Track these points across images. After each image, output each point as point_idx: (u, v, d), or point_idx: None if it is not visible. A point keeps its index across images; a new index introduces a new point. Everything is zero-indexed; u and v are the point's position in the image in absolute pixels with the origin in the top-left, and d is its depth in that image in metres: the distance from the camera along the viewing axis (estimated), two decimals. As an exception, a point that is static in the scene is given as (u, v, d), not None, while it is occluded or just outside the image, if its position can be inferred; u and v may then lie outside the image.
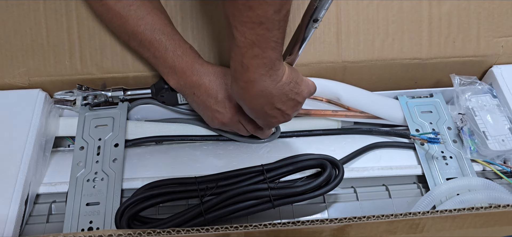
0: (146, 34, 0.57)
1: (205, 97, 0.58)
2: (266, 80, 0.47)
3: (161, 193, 0.54)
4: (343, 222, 0.43)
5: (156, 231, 0.41)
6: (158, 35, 0.57)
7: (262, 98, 0.49)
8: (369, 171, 0.61)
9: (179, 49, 0.57)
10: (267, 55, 0.45)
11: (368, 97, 0.67)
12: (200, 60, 0.58)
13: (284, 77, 0.49)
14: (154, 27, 0.57)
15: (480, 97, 0.66)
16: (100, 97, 0.64)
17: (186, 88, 0.58)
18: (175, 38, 0.57)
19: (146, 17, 0.56)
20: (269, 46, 0.44)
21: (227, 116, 0.58)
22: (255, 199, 0.53)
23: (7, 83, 0.63)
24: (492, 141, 0.61)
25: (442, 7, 0.67)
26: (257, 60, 0.45)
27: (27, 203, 0.56)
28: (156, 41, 0.57)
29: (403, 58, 0.67)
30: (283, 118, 0.55)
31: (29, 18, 0.63)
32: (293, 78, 0.51)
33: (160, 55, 0.57)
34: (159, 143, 0.66)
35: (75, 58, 0.63)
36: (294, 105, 0.53)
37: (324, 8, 0.45)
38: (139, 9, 0.56)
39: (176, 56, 0.57)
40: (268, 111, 0.52)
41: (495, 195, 0.55)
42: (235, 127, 0.60)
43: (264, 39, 0.43)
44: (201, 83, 0.57)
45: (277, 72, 0.48)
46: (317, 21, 0.47)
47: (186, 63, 0.57)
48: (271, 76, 0.47)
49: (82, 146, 0.61)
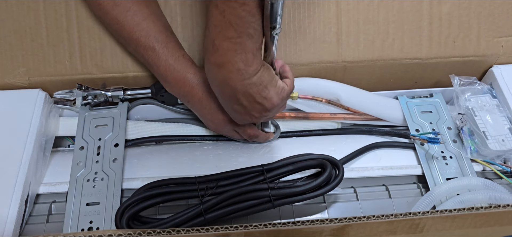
0: (141, 40, 0.56)
1: (198, 107, 0.58)
2: (232, 71, 0.45)
3: (161, 193, 0.54)
4: (343, 222, 0.43)
5: (156, 231, 0.41)
6: (152, 42, 0.56)
7: (228, 88, 0.48)
8: (369, 171, 0.61)
9: (172, 58, 0.56)
10: (241, 41, 0.43)
11: (368, 97, 0.67)
12: (193, 69, 0.57)
13: (254, 78, 0.47)
14: (149, 34, 0.56)
15: (480, 97, 0.66)
16: (100, 97, 0.64)
17: (180, 96, 0.59)
18: (168, 46, 0.56)
19: (142, 23, 0.56)
20: (246, 32, 0.43)
21: (221, 125, 0.59)
22: (255, 199, 0.53)
23: (7, 83, 0.63)
24: (492, 141, 0.61)
25: (442, 7, 0.67)
26: (229, 43, 0.43)
27: (27, 203, 0.56)
28: (150, 49, 0.56)
29: (403, 58, 0.67)
30: (250, 117, 0.53)
31: (29, 18, 0.63)
32: (263, 81, 0.48)
33: (153, 63, 0.57)
34: (159, 143, 0.66)
35: (75, 58, 0.63)
36: (261, 110, 0.51)
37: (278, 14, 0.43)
38: (135, 15, 0.56)
39: (168, 66, 0.56)
40: (233, 104, 0.50)
41: (495, 195, 0.55)
42: (230, 134, 0.61)
43: (243, 22, 0.42)
44: (194, 94, 0.57)
45: (248, 68, 0.46)
46: (276, 29, 0.44)
47: (178, 73, 0.56)
48: (239, 69, 0.45)
49: (82, 146, 0.61)
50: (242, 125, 0.59)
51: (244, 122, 0.57)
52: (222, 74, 0.47)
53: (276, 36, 0.46)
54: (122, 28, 0.56)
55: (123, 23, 0.56)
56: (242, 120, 0.56)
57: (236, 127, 0.59)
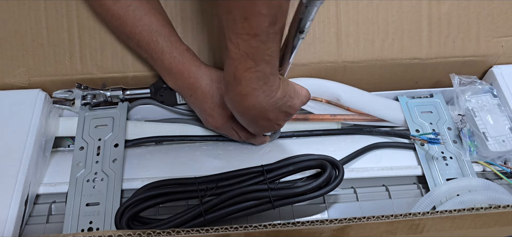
0: (144, 35, 0.56)
1: (201, 100, 0.58)
2: (259, 95, 0.47)
3: (161, 193, 0.54)
4: (343, 222, 0.43)
5: (156, 232, 0.41)
6: (155, 36, 0.56)
7: (255, 111, 0.49)
8: (369, 172, 0.61)
9: (176, 50, 0.57)
10: (261, 68, 0.44)
11: (368, 98, 0.67)
12: (197, 62, 0.58)
13: (279, 93, 0.49)
14: (151, 28, 0.56)
15: (480, 97, 0.66)
16: (99, 96, 0.64)
17: (183, 90, 0.59)
18: (172, 40, 0.57)
19: (144, 18, 0.56)
20: (263, 59, 0.44)
21: (220, 121, 0.59)
22: (255, 199, 0.53)
23: (7, 83, 0.63)
24: (492, 142, 0.61)
25: (442, 7, 0.67)
26: (250, 73, 0.44)
27: (27, 203, 0.56)
28: (153, 43, 0.56)
29: (403, 58, 0.67)
30: (274, 127, 0.55)
31: (29, 18, 0.63)
32: (287, 92, 0.50)
33: (157, 57, 0.57)
34: (159, 143, 0.66)
35: (75, 58, 0.63)
36: (285, 116, 0.53)
37: (309, 19, 0.43)
38: (137, 10, 0.56)
39: (172, 58, 0.57)
40: (259, 120, 0.51)
41: (495, 196, 0.55)
42: (228, 132, 0.61)
43: (258, 51, 0.43)
44: (197, 86, 0.57)
45: (271, 87, 0.47)
46: (303, 32, 0.45)
47: (183, 65, 0.57)
48: (264, 91, 0.47)
49: (82, 146, 0.61)
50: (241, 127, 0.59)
51: (267, 132, 0.58)
52: (249, 102, 0.47)
53: (301, 40, 0.46)
54: (124, 24, 0.57)
55: (124, 18, 0.56)
56: (265, 131, 0.57)
57: (234, 125, 0.59)
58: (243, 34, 0.41)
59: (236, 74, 0.45)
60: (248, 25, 0.40)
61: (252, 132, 0.57)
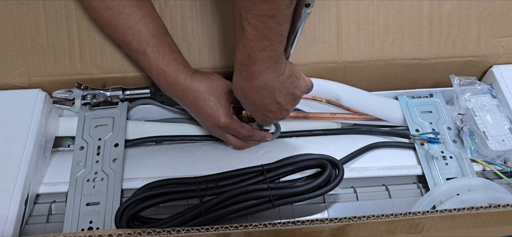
0: (133, 44, 0.56)
1: (191, 110, 0.59)
2: (270, 73, 0.49)
3: (161, 193, 0.54)
4: (343, 222, 0.43)
5: (156, 231, 0.41)
6: (144, 46, 0.56)
7: (264, 90, 0.51)
8: (369, 171, 0.61)
9: (163, 62, 0.56)
10: (275, 48, 0.46)
11: (368, 98, 0.67)
12: (184, 73, 0.57)
13: (286, 71, 0.51)
14: (140, 38, 0.56)
15: (480, 98, 0.66)
16: (99, 96, 0.64)
17: (174, 99, 0.59)
18: (160, 50, 0.56)
19: (134, 27, 0.56)
20: (278, 39, 0.46)
21: (212, 129, 0.60)
22: (255, 199, 0.53)
23: (7, 83, 0.63)
24: (492, 141, 0.61)
25: (442, 7, 0.67)
26: (265, 53, 0.46)
27: (27, 203, 0.56)
28: (141, 53, 0.56)
29: (403, 58, 0.67)
30: (281, 114, 0.56)
31: (29, 18, 0.63)
32: (293, 72, 0.52)
33: (145, 67, 0.57)
34: (159, 143, 0.66)
35: (75, 58, 0.63)
36: (292, 100, 0.55)
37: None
38: (127, 18, 0.56)
39: (158, 70, 0.56)
40: (268, 104, 0.53)
41: (495, 195, 0.55)
42: (221, 137, 0.61)
43: (274, 32, 0.45)
44: (185, 98, 0.57)
45: (281, 65, 0.49)
46: (309, 6, 0.48)
47: (169, 77, 0.56)
48: (275, 69, 0.49)
49: (82, 146, 0.61)
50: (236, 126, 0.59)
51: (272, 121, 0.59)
52: (261, 80, 0.49)
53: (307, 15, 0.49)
54: (115, 31, 0.57)
55: (115, 26, 0.56)
56: (271, 120, 0.57)
57: (225, 132, 0.60)
58: (261, 16, 0.43)
59: (251, 54, 0.47)
60: (268, 6, 0.42)
61: (258, 120, 0.58)
